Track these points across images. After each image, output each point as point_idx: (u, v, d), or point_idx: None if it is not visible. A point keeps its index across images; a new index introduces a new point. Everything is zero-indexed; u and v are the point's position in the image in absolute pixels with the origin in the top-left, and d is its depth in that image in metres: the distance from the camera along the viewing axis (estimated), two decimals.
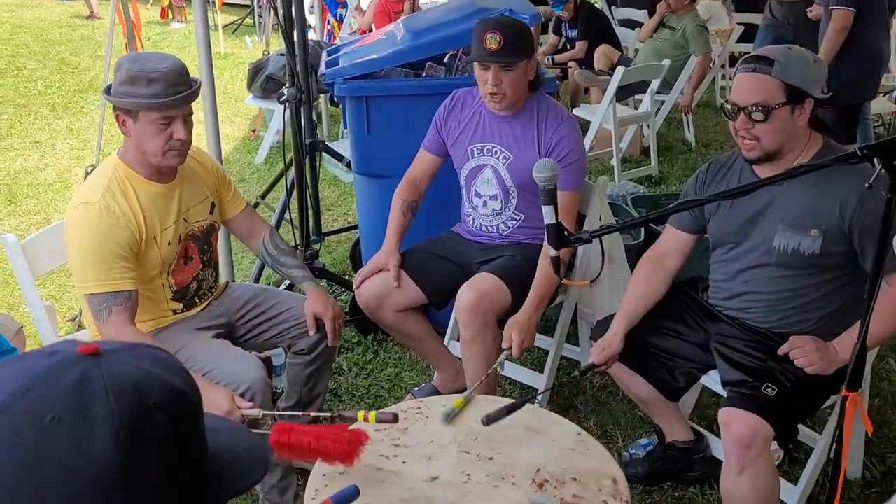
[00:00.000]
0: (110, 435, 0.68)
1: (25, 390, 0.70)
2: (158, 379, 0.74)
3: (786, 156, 1.95)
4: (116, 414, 0.69)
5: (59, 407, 0.69)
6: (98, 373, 0.71)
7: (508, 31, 2.33)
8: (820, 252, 1.92)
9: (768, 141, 1.91)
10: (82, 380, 0.70)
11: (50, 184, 4.95)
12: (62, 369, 0.71)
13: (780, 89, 1.87)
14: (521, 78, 2.39)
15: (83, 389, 0.70)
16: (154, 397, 0.72)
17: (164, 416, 0.72)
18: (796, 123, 1.91)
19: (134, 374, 0.73)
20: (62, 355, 0.73)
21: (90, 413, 0.69)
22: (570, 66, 5.88)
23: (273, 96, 5.00)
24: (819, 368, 1.89)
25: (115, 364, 0.73)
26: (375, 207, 2.96)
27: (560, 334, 2.67)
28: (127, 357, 0.76)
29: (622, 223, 1.75)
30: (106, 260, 1.96)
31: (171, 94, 1.93)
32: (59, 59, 8.46)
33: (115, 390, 0.70)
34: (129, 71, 1.94)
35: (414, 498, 1.61)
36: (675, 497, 2.34)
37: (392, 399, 2.81)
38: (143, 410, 0.71)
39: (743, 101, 1.90)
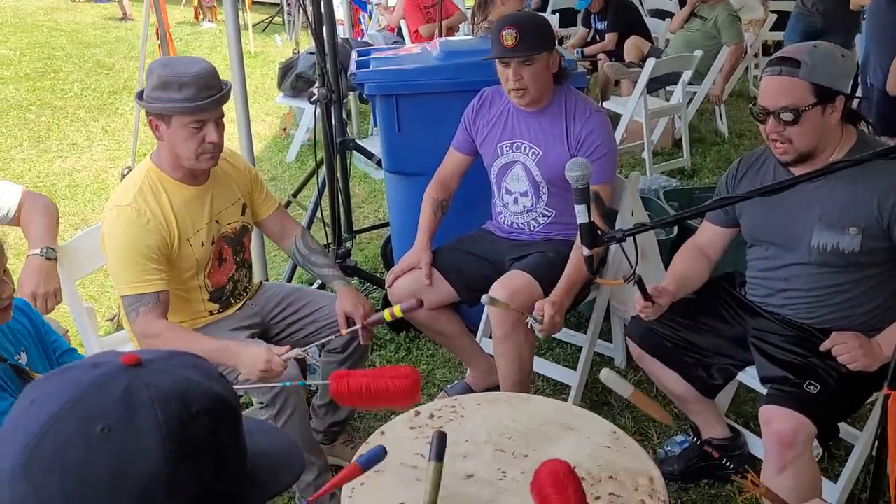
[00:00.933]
0: (158, 443, 0.70)
1: (75, 402, 0.72)
2: (200, 386, 0.77)
3: (820, 155, 1.91)
4: (163, 422, 0.71)
5: (109, 418, 0.71)
6: (142, 383, 0.73)
7: (524, 25, 2.32)
8: (860, 249, 1.89)
9: (800, 142, 1.88)
10: (128, 390, 0.73)
11: (87, 185, 5.05)
12: (108, 381, 0.73)
13: (808, 90, 1.83)
14: (543, 71, 2.37)
15: (130, 400, 0.72)
16: (197, 404, 0.74)
17: (208, 422, 0.74)
18: (828, 122, 1.87)
19: (177, 382, 0.75)
20: (106, 367, 0.75)
21: (138, 423, 0.71)
22: (600, 58, 5.83)
23: (303, 95, 5.04)
24: (863, 365, 1.86)
25: (157, 374, 0.75)
26: (406, 205, 2.96)
27: (593, 330, 2.66)
28: (168, 366, 0.78)
29: (656, 222, 1.73)
30: (136, 262, 1.99)
31: (202, 98, 1.96)
32: (94, 61, 8.61)
33: (161, 399, 0.72)
34: (161, 76, 1.96)
35: (450, 496, 1.61)
36: (711, 495, 2.32)
37: (425, 396, 2.81)
38: (188, 417, 0.73)
39: (771, 105, 1.87)
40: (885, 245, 1.88)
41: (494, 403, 1.93)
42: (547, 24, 2.44)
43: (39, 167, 5.37)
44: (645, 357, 2.24)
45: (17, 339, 1.69)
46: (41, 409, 0.72)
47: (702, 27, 5.41)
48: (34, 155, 5.62)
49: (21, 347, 1.69)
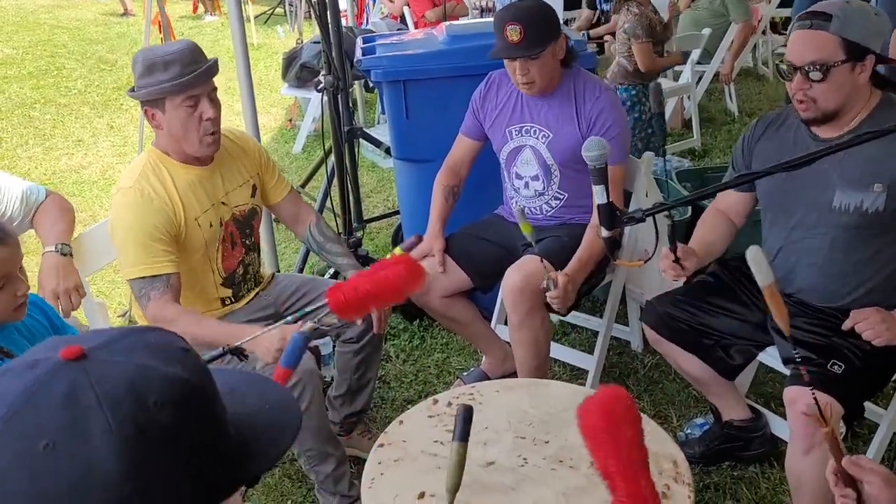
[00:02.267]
0: (112, 450, 0.62)
1: (9, 417, 0.62)
2: (155, 373, 0.67)
3: (845, 115, 1.85)
4: (115, 426, 0.62)
5: (51, 431, 0.61)
6: (87, 381, 0.64)
7: (528, 19, 2.24)
8: (885, 208, 1.83)
9: (825, 101, 1.81)
10: (70, 394, 0.63)
11: (94, 181, 5.04)
12: (46, 384, 0.63)
13: (838, 46, 1.77)
14: (550, 61, 2.33)
15: (73, 405, 0.62)
16: (153, 395, 0.65)
17: (168, 412, 0.65)
18: (857, 82, 1.81)
19: (127, 373, 0.65)
20: (44, 365, 0.65)
21: (86, 431, 0.61)
22: (607, 39, 5.77)
23: (308, 85, 5.01)
24: (887, 339, 1.81)
25: (103, 365, 0.66)
26: (416, 192, 2.93)
27: (609, 314, 2.63)
28: (116, 353, 0.67)
29: (676, 201, 1.69)
30: (143, 244, 1.97)
31: (189, 73, 1.94)
32: (96, 57, 8.59)
33: (109, 399, 0.63)
34: (145, 61, 1.95)
35: (472, 483, 1.59)
36: (734, 477, 2.29)
37: (441, 384, 2.80)
38: (143, 414, 0.64)
39: (799, 61, 1.80)
40: None
41: (513, 390, 1.91)
42: (551, 13, 2.37)
43: (46, 165, 5.37)
44: (661, 341, 2.21)
45: (33, 335, 1.68)
46: None
47: (709, 5, 5.34)
48: (40, 153, 5.61)
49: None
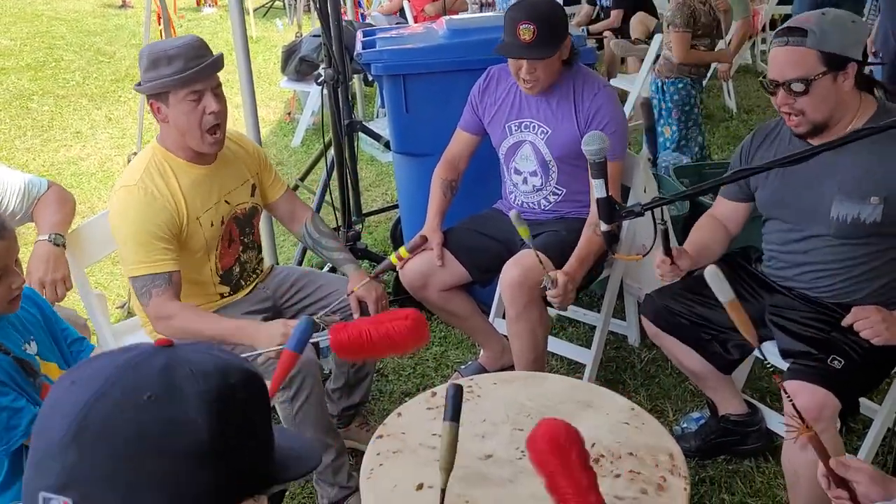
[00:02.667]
0: (202, 411, 0.72)
1: (117, 378, 0.74)
2: (233, 363, 0.80)
3: (836, 124, 1.88)
4: (205, 391, 0.73)
5: (154, 387, 0.73)
6: (180, 359, 0.76)
7: (542, 20, 2.24)
8: (882, 220, 1.85)
9: (814, 113, 1.84)
10: (168, 365, 0.75)
11: (92, 173, 5.04)
12: (146, 359, 0.76)
13: (817, 59, 1.79)
14: (556, 61, 2.34)
15: (171, 373, 0.74)
16: (233, 377, 0.77)
17: (245, 395, 0.77)
18: (841, 90, 1.83)
19: (211, 359, 0.78)
20: (140, 348, 0.78)
21: (182, 392, 0.73)
22: (606, 35, 5.76)
23: (307, 78, 5.00)
24: (886, 339, 1.83)
25: (191, 353, 0.78)
26: (416, 186, 2.94)
27: (607, 309, 2.64)
28: (199, 347, 0.81)
29: (674, 195, 1.71)
30: (145, 242, 1.98)
31: (192, 67, 1.95)
32: (94, 49, 8.57)
33: (200, 373, 0.75)
34: (150, 55, 1.97)
35: (470, 475, 1.60)
36: (729, 471, 2.30)
37: (439, 377, 2.81)
38: (227, 388, 0.75)
39: (780, 77, 1.83)
40: None
41: (511, 383, 1.92)
42: (561, 13, 2.38)
43: (44, 156, 5.36)
44: (660, 334, 2.22)
45: (27, 328, 1.69)
46: (84, 387, 0.73)
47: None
48: (38, 144, 5.60)
49: (30, 337, 1.69)
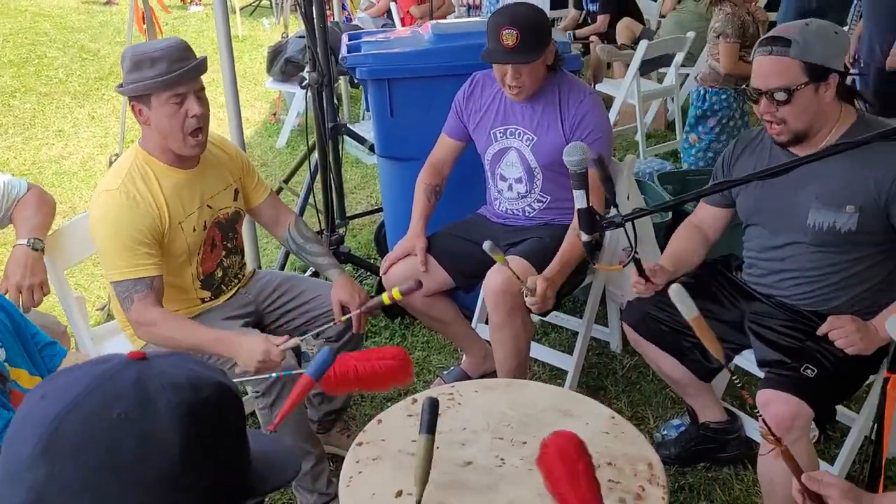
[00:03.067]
0: (174, 426, 0.73)
1: (89, 391, 0.74)
2: (206, 375, 0.80)
3: (817, 134, 1.90)
4: (177, 406, 0.74)
5: (125, 403, 0.73)
6: (152, 373, 0.76)
7: (525, 25, 2.24)
8: (857, 229, 1.88)
9: (795, 122, 1.87)
10: (139, 380, 0.75)
11: (74, 172, 4.99)
12: (118, 372, 0.76)
13: (800, 69, 1.82)
14: (541, 66, 2.34)
15: (143, 387, 0.74)
16: (206, 391, 0.77)
17: (217, 409, 0.77)
18: (822, 100, 1.86)
19: (184, 372, 0.78)
20: (114, 361, 0.78)
21: (154, 406, 0.73)
22: (592, 40, 5.80)
23: (293, 79, 4.98)
24: (860, 349, 1.85)
25: (164, 365, 0.78)
26: (400, 190, 2.94)
27: (589, 315, 2.65)
28: (172, 360, 0.81)
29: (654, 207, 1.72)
30: (127, 247, 1.97)
31: (175, 70, 1.94)
32: (78, 46, 8.49)
33: (172, 386, 0.75)
34: (133, 57, 1.96)
35: (449, 482, 1.60)
36: (708, 478, 2.32)
37: (421, 383, 2.81)
38: (199, 403, 0.75)
39: (763, 86, 1.86)
40: (881, 225, 1.87)
41: (492, 390, 1.92)
42: (544, 18, 2.38)
43: (25, 154, 5.31)
44: (641, 342, 2.23)
45: None
46: (55, 400, 0.73)
47: (694, 8, 5.37)
48: (20, 142, 5.55)
49: None
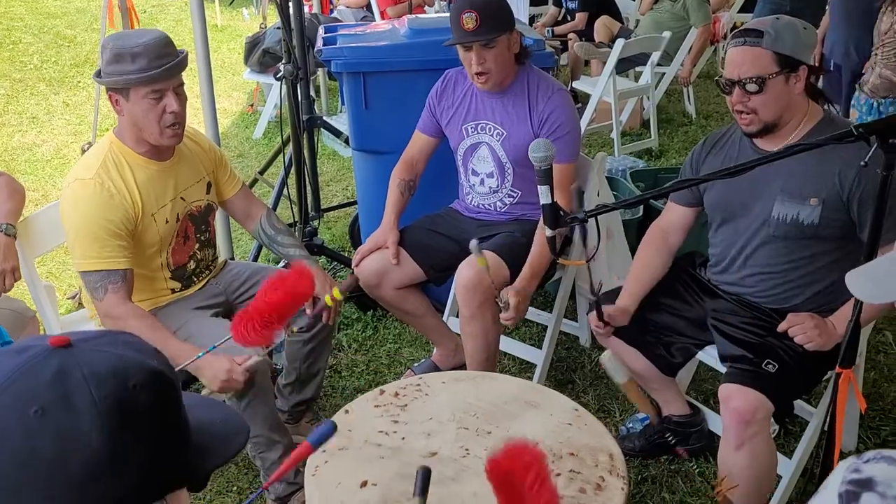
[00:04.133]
0: (95, 422, 0.69)
1: (6, 386, 0.70)
2: (134, 361, 0.75)
3: (785, 126, 1.95)
4: (99, 400, 0.70)
5: (42, 400, 0.69)
6: (74, 362, 0.72)
7: (484, 7, 2.29)
8: (818, 222, 1.92)
9: (766, 112, 1.91)
10: (60, 372, 0.71)
11: (48, 160, 4.94)
12: (38, 364, 0.72)
13: (772, 60, 1.87)
14: (505, 52, 2.37)
15: (63, 381, 0.70)
16: (133, 379, 0.73)
17: (146, 397, 0.73)
18: (792, 92, 1.91)
19: (110, 359, 0.74)
20: (34, 350, 0.73)
21: (73, 403, 0.69)
22: (571, 38, 5.83)
23: (271, 70, 4.97)
24: (818, 345, 1.90)
25: (88, 352, 0.74)
26: (374, 183, 2.95)
27: (558, 310, 2.68)
28: (99, 344, 0.76)
29: (616, 204, 1.76)
30: (100, 238, 1.96)
31: (156, 67, 1.93)
32: (54, 32, 8.37)
33: (95, 377, 0.71)
34: (113, 49, 1.94)
35: (412, 474, 1.62)
36: (671, 470, 2.37)
37: (392, 374, 2.83)
38: (124, 393, 0.72)
39: (736, 76, 1.90)
40: (842, 219, 1.92)
41: (459, 382, 1.95)
42: (505, 5, 2.42)
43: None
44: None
45: None
46: None
47: (671, 8, 5.44)
48: None
49: None
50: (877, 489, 0.65)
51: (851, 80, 3.97)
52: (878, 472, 0.66)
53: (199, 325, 2.10)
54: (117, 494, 0.70)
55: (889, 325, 3.05)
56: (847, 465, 0.68)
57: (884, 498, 0.64)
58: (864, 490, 0.65)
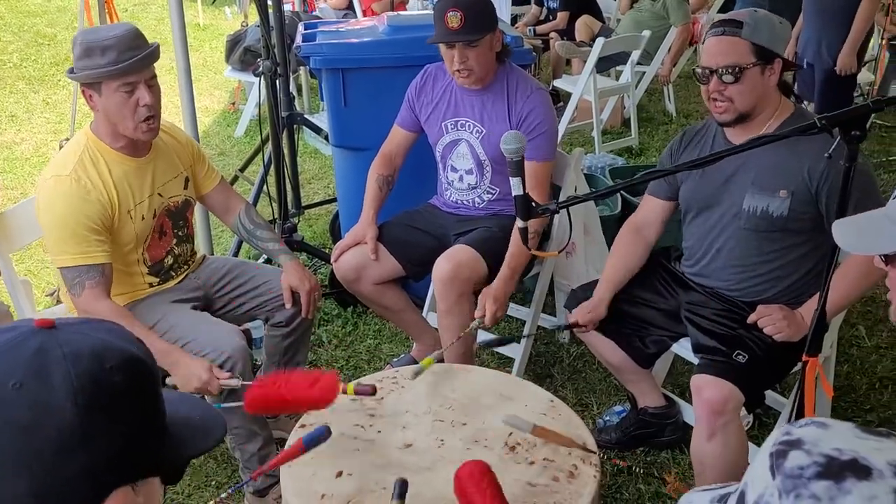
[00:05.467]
0: (69, 397, 0.72)
1: None
2: (114, 346, 0.78)
3: (757, 117, 1.98)
4: (75, 377, 0.73)
5: (21, 374, 0.72)
6: (55, 342, 0.75)
7: (468, 6, 2.30)
8: (788, 214, 1.96)
9: (741, 102, 1.94)
10: (41, 349, 0.74)
11: (27, 158, 4.91)
12: (21, 342, 0.75)
13: (749, 50, 1.91)
14: (487, 52, 2.39)
15: (42, 357, 0.73)
16: (111, 362, 0.76)
17: (122, 379, 0.76)
18: (767, 84, 1.95)
19: (90, 342, 0.77)
20: (19, 330, 0.77)
21: (50, 377, 0.72)
22: (552, 37, 5.87)
23: (252, 68, 4.95)
24: (787, 335, 1.94)
25: (71, 334, 0.77)
26: (354, 180, 2.96)
27: (536, 304, 2.71)
28: (82, 328, 0.79)
29: (588, 194, 1.78)
30: (77, 233, 1.96)
31: (126, 59, 1.93)
32: (34, 31, 8.30)
33: (73, 356, 0.74)
34: (84, 43, 1.95)
35: (388, 465, 1.64)
36: (647, 461, 2.40)
37: (371, 370, 2.84)
38: (101, 374, 0.74)
39: (714, 64, 1.94)
40: (811, 211, 1.95)
41: (436, 375, 1.96)
42: (490, 4, 2.44)
43: None
44: None
45: None
46: None
47: (651, 7, 5.48)
48: None
49: None
50: (803, 447, 0.69)
51: (824, 77, 4.04)
52: (807, 433, 0.70)
53: (178, 317, 2.10)
54: (88, 470, 0.72)
55: (862, 319, 3.10)
56: (781, 429, 0.72)
57: (809, 454, 0.68)
58: (793, 448, 0.68)
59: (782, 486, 0.67)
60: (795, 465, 0.67)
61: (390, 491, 1.53)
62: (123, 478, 0.75)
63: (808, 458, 0.67)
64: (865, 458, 0.67)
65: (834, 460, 0.67)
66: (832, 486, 0.65)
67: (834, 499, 0.65)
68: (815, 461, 0.67)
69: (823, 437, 0.70)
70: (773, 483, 0.67)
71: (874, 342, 2.97)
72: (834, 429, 0.71)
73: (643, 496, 2.27)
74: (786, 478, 0.67)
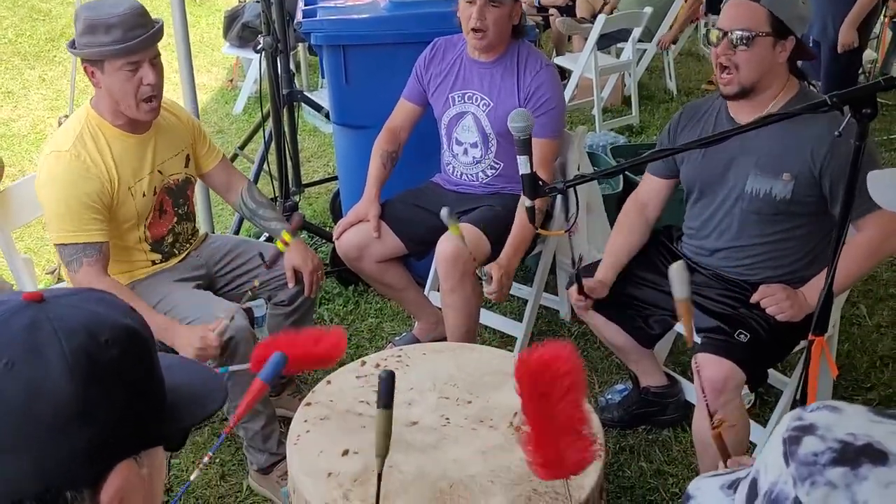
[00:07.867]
0: (65, 374, 0.70)
1: None
2: (107, 317, 0.76)
3: (762, 93, 1.96)
4: (69, 353, 0.70)
5: (12, 352, 0.70)
6: (46, 317, 0.72)
7: None
8: (791, 197, 1.95)
9: (746, 72, 1.92)
10: (31, 325, 0.72)
11: (24, 135, 4.87)
12: (10, 318, 0.72)
13: (766, 18, 1.89)
14: (506, 18, 2.37)
15: (33, 333, 0.71)
16: (105, 335, 0.73)
17: (117, 351, 0.74)
18: (776, 59, 1.92)
19: (82, 315, 0.74)
20: (7, 304, 0.74)
21: (43, 355, 0.70)
22: (552, 13, 5.81)
23: (250, 45, 4.91)
24: (789, 315, 1.94)
25: (61, 308, 0.74)
26: (355, 158, 2.94)
27: (538, 283, 2.71)
28: (73, 301, 0.77)
29: (595, 173, 1.77)
30: (75, 210, 1.95)
31: (131, 38, 1.91)
32: (29, 5, 8.20)
33: (66, 331, 0.72)
34: (87, 20, 1.92)
35: (394, 442, 1.63)
36: (648, 440, 2.41)
37: (373, 348, 2.84)
38: (95, 348, 0.72)
39: (728, 26, 1.91)
40: (814, 194, 1.94)
41: (440, 353, 1.96)
42: None
43: None
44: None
45: None
46: None
47: None
48: None
49: None
50: (817, 433, 0.68)
51: (830, 56, 4.01)
52: (820, 418, 0.69)
53: (181, 297, 2.10)
54: (88, 446, 0.71)
55: (864, 297, 3.11)
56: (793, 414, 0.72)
57: (823, 440, 0.67)
58: (806, 434, 0.68)
59: (797, 474, 0.66)
60: (810, 452, 0.66)
61: (397, 468, 1.53)
62: (125, 451, 0.74)
63: (823, 444, 0.67)
64: (881, 443, 0.66)
65: (849, 446, 0.66)
66: (848, 473, 0.64)
67: (850, 485, 0.64)
68: (830, 447, 0.66)
69: (837, 422, 0.69)
70: (788, 470, 0.67)
71: (875, 321, 2.98)
72: (847, 413, 0.70)
73: (645, 473, 2.29)
74: (800, 465, 0.66)
